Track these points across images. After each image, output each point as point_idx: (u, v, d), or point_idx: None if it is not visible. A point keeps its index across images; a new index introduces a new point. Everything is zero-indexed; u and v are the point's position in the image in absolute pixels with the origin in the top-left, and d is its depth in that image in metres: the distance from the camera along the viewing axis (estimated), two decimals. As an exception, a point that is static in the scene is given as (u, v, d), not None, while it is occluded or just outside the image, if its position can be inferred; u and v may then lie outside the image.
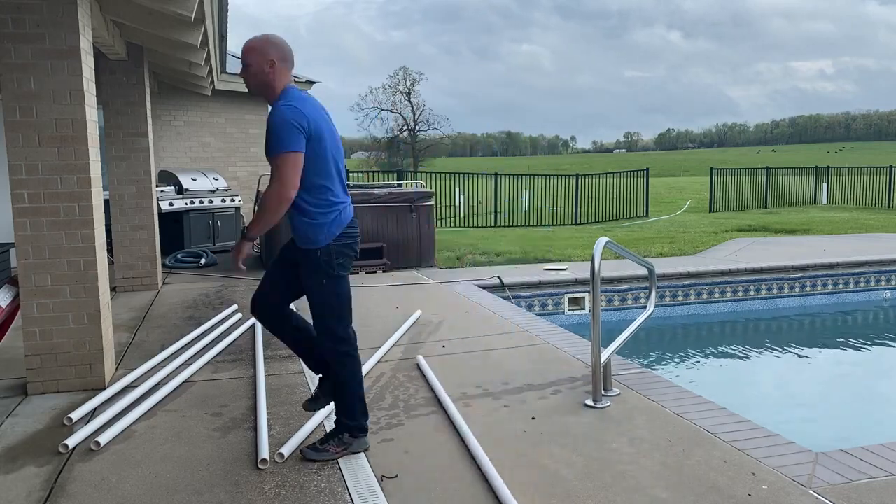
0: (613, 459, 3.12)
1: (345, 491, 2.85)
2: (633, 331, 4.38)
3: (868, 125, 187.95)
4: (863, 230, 13.74)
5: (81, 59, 4.05)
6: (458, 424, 3.50)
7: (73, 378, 4.20)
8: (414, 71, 54.26)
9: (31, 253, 4.09)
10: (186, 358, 4.75)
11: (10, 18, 3.95)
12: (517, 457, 3.16)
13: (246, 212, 11.74)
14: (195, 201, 9.95)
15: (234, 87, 11.32)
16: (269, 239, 8.51)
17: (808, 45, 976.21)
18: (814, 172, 23.99)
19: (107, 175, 7.33)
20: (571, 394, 4.01)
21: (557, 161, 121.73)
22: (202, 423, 3.62)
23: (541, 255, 9.70)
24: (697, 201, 25.85)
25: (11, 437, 3.51)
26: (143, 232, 7.40)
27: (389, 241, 8.62)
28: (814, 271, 8.98)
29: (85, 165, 4.11)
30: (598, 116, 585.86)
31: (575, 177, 20.10)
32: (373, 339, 5.27)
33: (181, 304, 6.68)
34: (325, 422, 3.59)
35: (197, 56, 7.06)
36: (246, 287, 7.51)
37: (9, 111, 4.00)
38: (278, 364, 4.66)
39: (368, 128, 53.02)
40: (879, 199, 22.39)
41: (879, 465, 2.97)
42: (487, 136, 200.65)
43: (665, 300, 8.33)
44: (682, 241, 11.72)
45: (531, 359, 4.73)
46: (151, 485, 2.93)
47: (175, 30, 5.72)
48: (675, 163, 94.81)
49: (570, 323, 7.52)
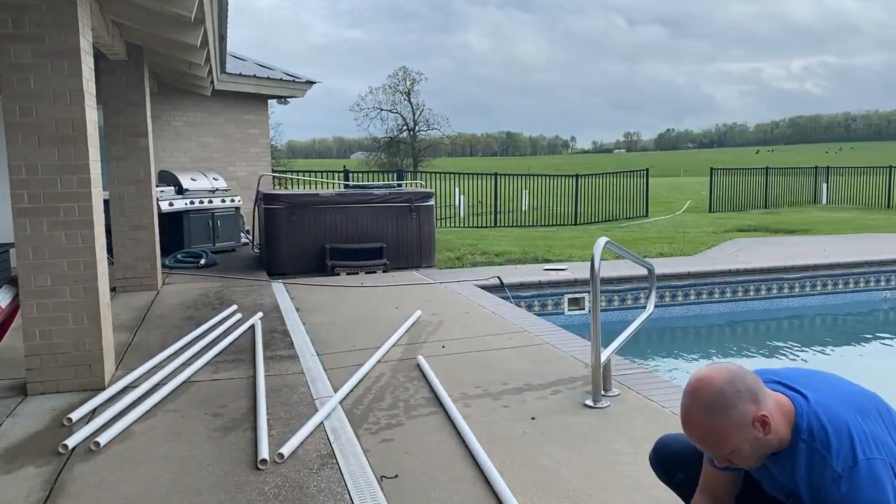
0: (613, 459, 3.12)
1: (345, 491, 2.85)
2: (633, 331, 4.38)
3: (868, 125, 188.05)
4: (863, 230, 13.74)
5: (81, 59, 4.05)
6: (458, 424, 3.50)
7: (73, 378, 4.19)
8: (414, 71, 54.25)
9: (31, 253, 4.09)
10: (186, 358, 4.75)
11: (10, 18, 3.95)
12: (517, 457, 3.16)
13: (246, 212, 11.74)
14: (195, 201, 9.94)
15: (234, 87, 11.33)
16: (270, 239, 8.51)
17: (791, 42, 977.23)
18: (814, 172, 24.00)
19: (107, 175, 7.32)
20: (571, 394, 4.01)
21: (557, 161, 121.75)
22: (202, 423, 3.62)
23: (541, 256, 9.70)
24: (697, 201, 25.85)
25: (11, 437, 3.50)
26: (143, 232, 7.39)
27: (389, 241, 8.62)
28: (814, 271, 8.98)
29: (85, 165, 4.11)
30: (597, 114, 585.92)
31: (575, 177, 20.10)
32: (373, 339, 5.27)
33: (181, 304, 6.68)
34: (325, 422, 3.59)
35: (197, 56, 7.06)
36: (246, 287, 7.52)
37: (9, 111, 4.00)
38: (278, 364, 4.66)
39: (368, 128, 52.94)
40: (879, 199, 22.39)
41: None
42: (487, 136, 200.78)
43: (665, 300, 8.33)
44: (682, 241, 11.72)
45: (531, 359, 4.73)
46: (151, 485, 2.93)
47: (175, 30, 5.72)
48: (675, 163, 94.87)
49: (570, 323, 7.52)
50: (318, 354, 4.90)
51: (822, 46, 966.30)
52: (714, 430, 1.72)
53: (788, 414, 1.80)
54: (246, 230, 11.50)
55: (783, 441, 1.80)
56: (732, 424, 1.71)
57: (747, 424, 1.72)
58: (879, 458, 1.73)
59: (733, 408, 1.70)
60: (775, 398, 1.80)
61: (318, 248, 8.42)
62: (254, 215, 10.47)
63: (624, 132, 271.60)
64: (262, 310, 6.28)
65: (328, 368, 4.56)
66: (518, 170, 35.33)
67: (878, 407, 1.88)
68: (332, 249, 8.38)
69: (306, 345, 5.16)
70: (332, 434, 3.45)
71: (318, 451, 3.26)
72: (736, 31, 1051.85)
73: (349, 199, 8.55)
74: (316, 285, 7.61)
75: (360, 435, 3.44)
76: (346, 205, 8.48)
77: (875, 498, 1.70)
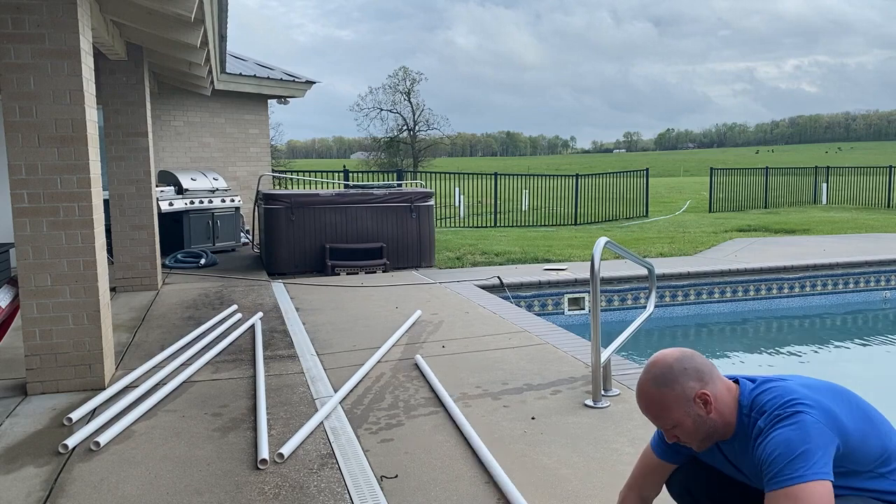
0: (613, 459, 3.12)
1: (345, 491, 2.85)
2: (633, 331, 4.38)
3: (868, 125, 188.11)
4: (863, 230, 13.74)
5: (81, 60, 4.05)
6: (460, 424, 3.50)
7: (73, 378, 4.20)
8: (414, 71, 54.27)
9: (31, 253, 4.09)
10: (186, 358, 4.75)
11: (9, 18, 3.95)
12: (517, 457, 3.16)
13: (245, 212, 11.75)
14: (195, 201, 9.95)
15: (234, 87, 11.32)
16: (270, 239, 8.52)
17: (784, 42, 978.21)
18: (813, 172, 24.00)
19: (107, 175, 7.33)
20: (571, 394, 4.01)
21: (557, 161, 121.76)
22: (202, 423, 3.62)
23: (541, 256, 9.70)
24: (697, 201, 25.86)
25: (11, 437, 3.50)
26: (143, 232, 7.40)
27: (389, 241, 8.62)
28: (814, 271, 8.98)
29: (85, 165, 4.11)
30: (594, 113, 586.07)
31: (575, 177, 20.10)
32: (373, 339, 5.28)
33: (181, 304, 6.68)
34: (325, 422, 3.59)
35: (197, 56, 7.06)
36: (246, 287, 7.52)
37: (9, 111, 4.00)
38: (278, 364, 4.66)
39: (368, 128, 53.00)
40: (879, 199, 22.39)
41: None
42: (487, 135, 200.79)
43: (665, 300, 8.33)
44: (682, 241, 11.72)
45: (531, 359, 4.73)
46: (151, 485, 2.93)
47: (175, 30, 5.72)
48: (675, 163, 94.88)
49: (570, 323, 7.53)
50: (318, 354, 4.90)
51: (813, 46, 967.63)
52: (659, 399, 1.86)
53: (736, 397, 1.88)
54: (246, 230, 11.51)
55: (729, 425, 1.87)
56: (675, 397, 1.84)
57: (689, 399, 1.84)
58: (810, 415, 1.73)
59: (677, 382, 1.84)
60: (726, 384, 1.89)
61: (317, 248, 8.42)
62: (254, 215, 10.48)
63: (624, 132, 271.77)
64: (262, 310, 6.28)
65: (328, 368, 4.56)
66: (518, 170, 35.35)
67: (847, 394, 1.88)
68: (332, 249, 8.38)
69: (306, 345, 5.16)
70: (332, 434, 3.45)
71: (318, 451, 3.26)
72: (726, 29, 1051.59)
73: (349, 199, 8.56)
74: (316, 285, 7.61)
75: (360, 435, 3.44)
76: (346, 205, 8.48)
77: (791, 437, 1.70)
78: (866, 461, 1.79)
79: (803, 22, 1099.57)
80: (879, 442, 1.81)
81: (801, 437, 1.69)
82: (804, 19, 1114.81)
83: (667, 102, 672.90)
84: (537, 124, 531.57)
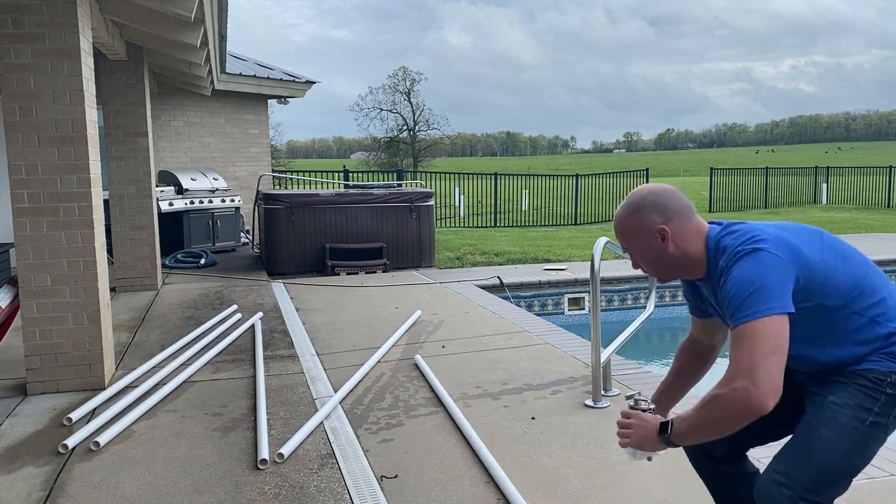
0: (613, 459, 3.12)
1: (345, 491, 2.85)
2: (633, 331, 4.37)
3: (867, 125, 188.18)
4: (863, 230, 13.75)
5: (81, 60, 4.05)
6: (460, 424, 3.50)
7: (73, 378, 4.20)
8: (413, 71, 54.28)
9: (31, 253, 4.09)
10: (186, 358, 4.75)
11: (9, 18, 3.95)
12: (517, 457, 3.16)
13: (245, 212, 11.75)
14: (195, 201, 9.95)
15: (234, 87, 11.32)
16: (270, 239, 8.52)
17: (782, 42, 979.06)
18: (813, 172, 24.00)
19: (107, 175, 7.33)
20: (571, 394, 4.01)
21: (557, 161, 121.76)
22: (202, 423, 3.62)
23: (541, 256, 9.70)
24: (697, 201, 25.80)
25: (11, 437, 3.50)
26: (143, 232, 7.40)
27: (389, 241, 8.62)
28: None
29: (85, 165, 4.11)
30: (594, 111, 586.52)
31: (575, 177, 20.10)
32: (373, 339, 5.28)
33: (181, 304, 6.68)
34: (325, 422, 3.59)
35: (197, 56, 7.06)
36: (246, 287, 7.52)
37: (8, 111, 4.00)
38: (278, 364, 4.66)
39: (368, 128, 53.01)
40: (879, 199, 22.39)
41: (880, 465, 2.96)
42: (487, 135, 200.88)
43: (665, 300, 8.33)
44: (682, 241, 11.70)
45: (531, 359, 4.73)
46: (151, 485, 2.93)
47: (175, 30, 5.72)
48: (675, 163, 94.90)
49: (570, 323, 7.52)
50: (318, 354, 4.90)
51: (811, 45, 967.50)
52: (624, 225, 1.95)
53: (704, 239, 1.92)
54: (246, 230, 11.50)
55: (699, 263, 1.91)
56: (636, 227, 1.92)
57: (650, 231, 1.90)
58: (767, 250, 1.75)
59: (640, 213, 1.91)
60: (698, 225, 1.93)
61: (317, 248, 8.42)
62: (254, 215, 10.47)
63: (624, 132, 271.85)
64: (262, 310, 6.28)
65: (328, 368, 4.56)
66: (518, 170, 35.34)
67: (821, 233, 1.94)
68: (332, 249, 8.38)
69: (306, 345, 5.16)
70: (332, 434, 3.45)
71: (318, 451, 3.26)
72: (723, 28, 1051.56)
73: (349, 199, 8.56)
74: (316, 285, 7.61)
75: (360, 435, 3.44)
76: (346, 205, 8.48)
77: (746, 274, 1.72)
78: (836, 294, 1.81)
79: (801, 21, 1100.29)
80: (853, 277, 1.84)
81: (756, 273, 1.72)
82: (802, 19, 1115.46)
83: (665, 102, 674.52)
84: (537, 124, 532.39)
